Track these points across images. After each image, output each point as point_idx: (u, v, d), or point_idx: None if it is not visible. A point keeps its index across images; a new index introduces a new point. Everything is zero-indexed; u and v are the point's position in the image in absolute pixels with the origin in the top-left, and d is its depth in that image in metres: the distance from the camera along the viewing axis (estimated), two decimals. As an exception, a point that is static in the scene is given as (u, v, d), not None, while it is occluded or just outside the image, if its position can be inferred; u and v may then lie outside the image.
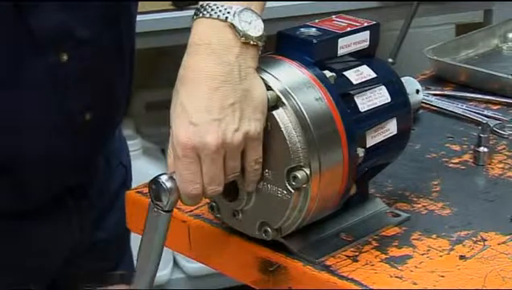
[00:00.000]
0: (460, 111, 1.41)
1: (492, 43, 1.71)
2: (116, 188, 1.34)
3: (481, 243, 1.03)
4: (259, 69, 0.96)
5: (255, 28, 0.94)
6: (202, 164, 0.93)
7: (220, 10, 0.94)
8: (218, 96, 0.92)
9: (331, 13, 1.11)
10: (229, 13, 0.93)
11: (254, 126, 0.93)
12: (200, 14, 0.95)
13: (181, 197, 0.95)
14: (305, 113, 0.94)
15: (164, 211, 0.96)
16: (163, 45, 2.21)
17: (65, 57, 1.12)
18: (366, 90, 1.02)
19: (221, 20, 0.93)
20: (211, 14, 0.94)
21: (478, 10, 2.60)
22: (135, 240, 1.16)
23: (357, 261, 1.00)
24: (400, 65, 1.41)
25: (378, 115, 1.02)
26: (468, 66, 1.55)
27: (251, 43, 0.94)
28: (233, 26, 0.93)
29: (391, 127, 1.04)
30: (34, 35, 1.09)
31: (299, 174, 0.94)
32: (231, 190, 0.99)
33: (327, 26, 1.02)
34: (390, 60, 1.52)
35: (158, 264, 1.00)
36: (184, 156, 0.93)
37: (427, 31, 2.86)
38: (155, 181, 0.95)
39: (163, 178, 0.95)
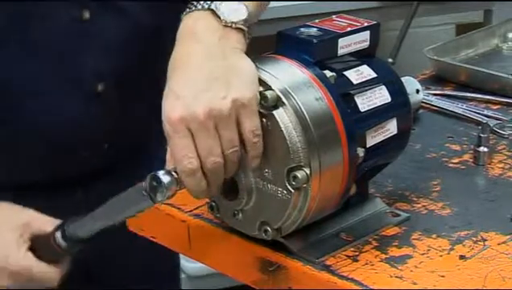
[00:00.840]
0: (460, 111, 1.41)
1: (492, 43, 1.71)
2: None
3: (481, 243, 1.03)
4: (259, 69, 0.96)
5: (237, 13, 0.97)
6: (195, 138, 0.92)
7: (204, 1, 0.98)
8: (204, 73, 0.94)
9: (331, 13, 1.10)
10: (211, 1, 0.98)
11: (244, 93, 0.93)
12: (188, 9, 0.99)
13: (185, 185, 0.95)
14: (305, 112, 0.94)
15: (153, 201, 0.96)
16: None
17: (87, 15, 1.12)
18: (366, 90, 1.02)
19: (204, 9, 0.98)
20: (196, 7, 0.98)
21: (478, 10, 2.60)
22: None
23: (357, 261, 0.99)
24: (400, 65, 1.41)
25: (378, 115, 1.02)
26: (468, 66, 1.55)
27: (233, 26, 0.97)
28: (213, 12, 0.97)
29: (391, 127, 1.04)
30: None
31: (299, 174, 0.94)
32: (231, 189, 0.99)
33: (327, 26, 1.02)
34: (390, 59, 1.53)
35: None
36: (174, 131, 0.92)
37: (427, 31, 2.86)
38: (153, 176, 0.95)
39: (161, 172, 0.95)
